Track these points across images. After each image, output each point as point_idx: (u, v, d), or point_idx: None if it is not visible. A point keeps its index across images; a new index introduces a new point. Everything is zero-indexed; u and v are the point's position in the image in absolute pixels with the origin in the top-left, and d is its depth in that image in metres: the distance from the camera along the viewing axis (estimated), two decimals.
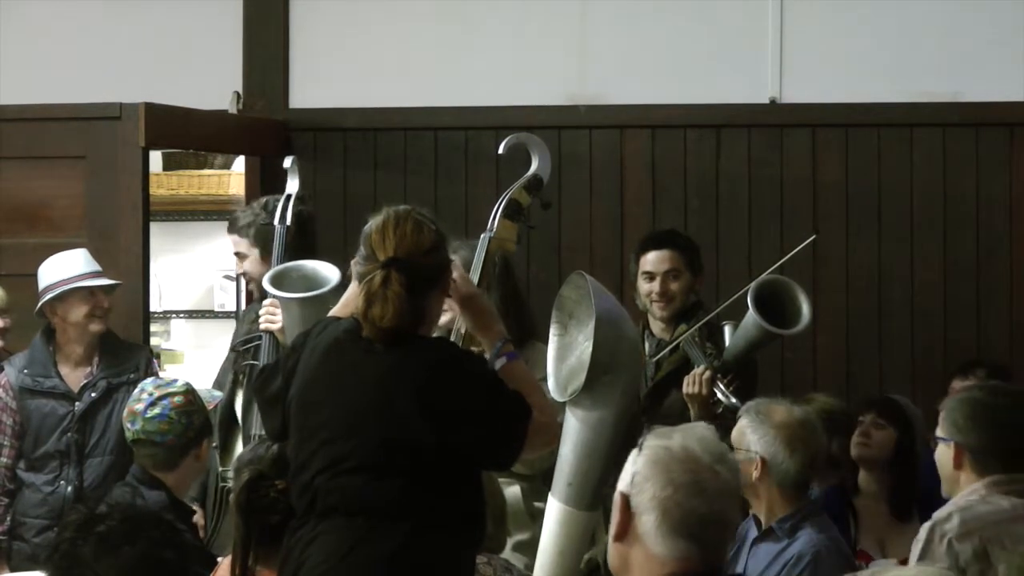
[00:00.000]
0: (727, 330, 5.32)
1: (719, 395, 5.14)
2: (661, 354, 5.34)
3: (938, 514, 4.28)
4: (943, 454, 4.37)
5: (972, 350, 6.47)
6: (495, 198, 4.38)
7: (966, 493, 4.30)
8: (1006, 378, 5.89)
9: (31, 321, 5.80)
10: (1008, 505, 4.29)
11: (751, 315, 5.17)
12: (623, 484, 2.84)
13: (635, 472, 2.82)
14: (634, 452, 2.85)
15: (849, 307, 6.61)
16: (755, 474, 4.49)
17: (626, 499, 2.82)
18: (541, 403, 3.79)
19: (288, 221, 5.49)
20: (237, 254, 5.74)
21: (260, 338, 5.42)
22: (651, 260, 5.54)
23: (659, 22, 6.77)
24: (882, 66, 6.65)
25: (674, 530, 2.78)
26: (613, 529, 2.83)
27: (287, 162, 5.66)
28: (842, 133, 6.65)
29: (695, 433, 2.87)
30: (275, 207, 5.54)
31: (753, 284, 5.24)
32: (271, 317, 5.31)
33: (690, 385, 5.20)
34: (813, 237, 5.57)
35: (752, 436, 4.52)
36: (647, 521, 2.79)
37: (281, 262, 5.37)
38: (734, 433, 4.62)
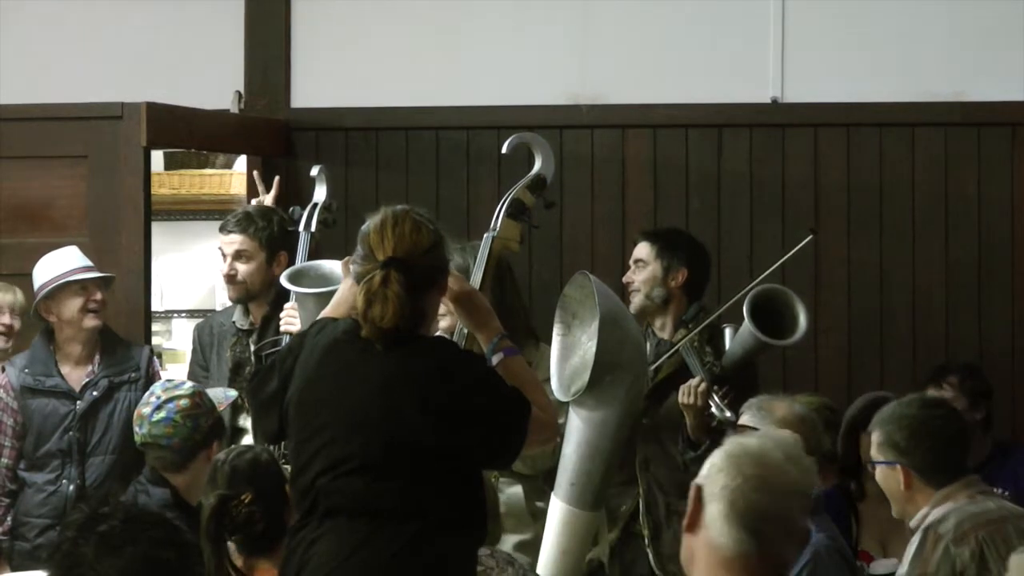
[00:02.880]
0: (727, 333, 5.32)
1: (714, 408, 5.14)
2: (659, 361, 5.33)
3: (930, 518, 4.28)
4: (889, 477, 4.38)
5: (973, 350, 6.46)
6: (496, 198, 4.39)
7: (945, 498, 4.30)
8: (979, 378, 5.88)
9: (32, 321, 5.80)
10: (994, 506, 4.31)
11: (747, 325, 5.16)
12: (699, 476, 2.90)
13: (712, 464, 2.89)
14: (717, 449, 2.94)
15: (850, 307, 6.61)
16: None
17: (699, 490, 2.87)
18: (540, 400, 3.79)
19: (313, 228, 5.52)
20: (239, 253, 5.71)
21: (279, 342, 5.43)
22: (636, 246, 5.59)
23: (660, 22, 6.76)
24: (884, 66, 6.64)
25: (736, 521, 2.82)
26: (685, 520, 2.89)
27: (314, 170, 5.69)
28: (843, 133, 6.64)
29: (776, 435, 3.02)
30: (301, 215, 5.57)
31: (749, 293, 5.23)
32: (291, 319, 5.32)
33: (686, 396, 5.20)
34: (811, 236, 5.56)
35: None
36: (713, 510, 2.84)
37: None
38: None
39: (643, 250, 5.54)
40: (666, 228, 5.83)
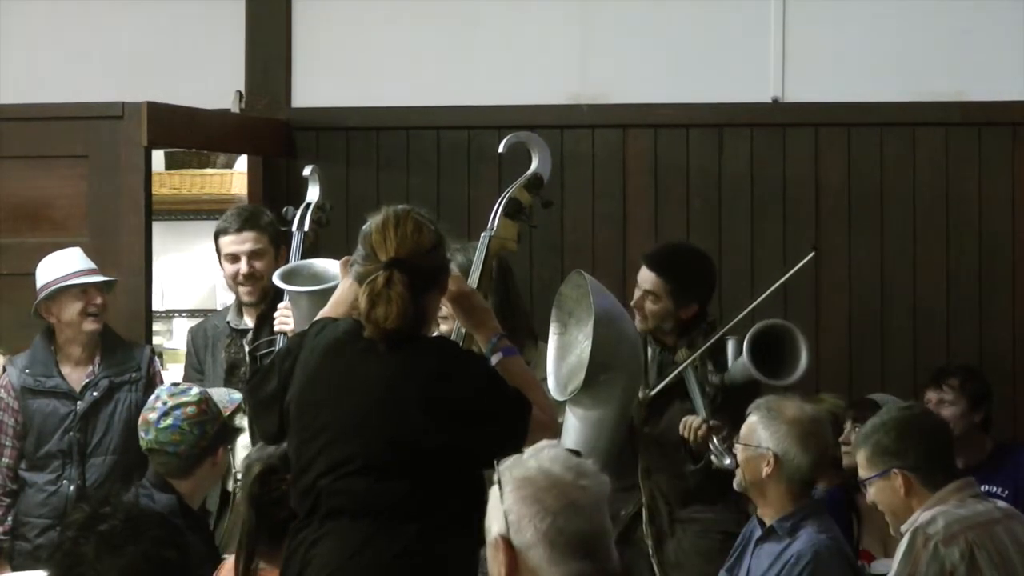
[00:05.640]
0: (731, 345, 5.30)
1: (712, 451, 5.14)
2: (660, 385, 5.31)
3: (920, 520, 4.28)
4: (884, 489, 4.35)
5: (974, 351, 6.46)
6: (497, 197, 4.38)
7: (937, 502, 4.29)
8: (979, 380, 5.87)
9: (32, 321, 5.80)
10: (983, 508, 4.31)
11: (746, 362, 5.13)
12: (498, 527, 2.80)
13: (507, 511, 2.79)
14: (495, 492, 2.82)
15: (851, 307, 6.60)
16: (767, 470, 4.50)
17: (507, 541, 2.78)
18: (540, 400, 3.80)
19: (307, 228, 5.51)
20: (256, 251, 5.69)
21: (273, 342, 5.43)
22: (640, 274, 5.51)
23: (661, 21, 6.76)
24: (884, 65, 6.64)
25: (564, 555, 2.76)
26: (502, 571, 2.79)
27: (307, 170, 5.68)
28: (844, 132, 6.64)
29: (548, 455, 2.85)
30: (294, 215, 5.57)
31: (752, 329, 5.19)
32: (285, 319, 5.32)
33: (685, 430, 5.20)
34: (812, 254, 5.54)
35: (764, 432, 4.52)
36: (535, 556, 2.76)
37: None
38: (744, 429, 4.62)
39: (653, 283, 5.41)
40: (671, 251, 5.65)
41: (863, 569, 5.15)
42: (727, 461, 5.05)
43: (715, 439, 5.13)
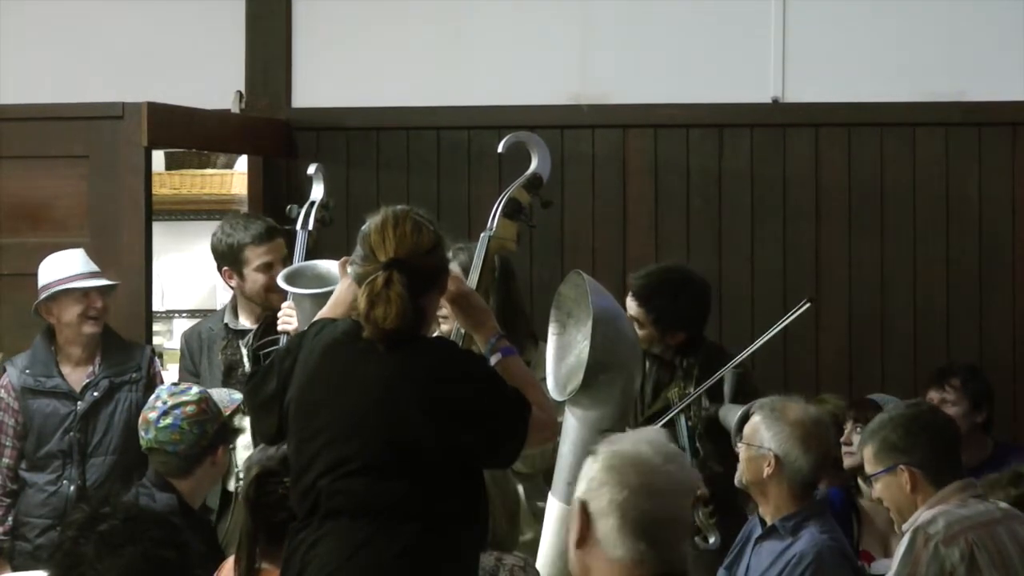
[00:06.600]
0: (728, 379, 5.29)
1: (698, 523, 5.15)
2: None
3: (920, 519, 4.28)
4: (891, 485, 4.36)
5: (974, 351, 6.46)
6: (497, 197, 4.38)
7: (939, 501, 4.29)
8: (980, 380, 5.87)
9: (32, 321, 5.81)
10: (983, 508, 4.31)
11: (732, 435, 5.14)
12: (580, 491, 2.88)
13: (591, 478, 2.87)
14: (590, 459, 2.90)
15: (851, 307, 6.61)
16: (768, 471, 4.50)
17: (584, 505, 2.86)
18: (539, 399, 3.80)
19: (311, 227, 5.50)
20: (284, 259, 5.67)
21: (276, 341, 5.42)
22: (627, 298, 5.50)
23: (662, 21, 6.76)
24: (885, 65, 6.65)
25: (631, 532, 2.81)
26: (573, 535, 2.87)
27: (311, 169, 5.66)
28: (844, 133, 6.64)
29: (646, 436, 2.92)
30: (298, 213, 5.56)
31: (741, 412, 5.17)
32: (287, 319, 5.32)
33: None
34: (808, 304, 5.51)
35: (766, 433, 4.53)
36: (604, 525, 2.83)
37: None
38: (747, 428, 4.62)
39: (636, 311, 5.44)
40: (656, 281, 5.57)
41: (863, 570, 5.15)
42: (711, 540, 5.08)
43: (700, 513, 5.15)
